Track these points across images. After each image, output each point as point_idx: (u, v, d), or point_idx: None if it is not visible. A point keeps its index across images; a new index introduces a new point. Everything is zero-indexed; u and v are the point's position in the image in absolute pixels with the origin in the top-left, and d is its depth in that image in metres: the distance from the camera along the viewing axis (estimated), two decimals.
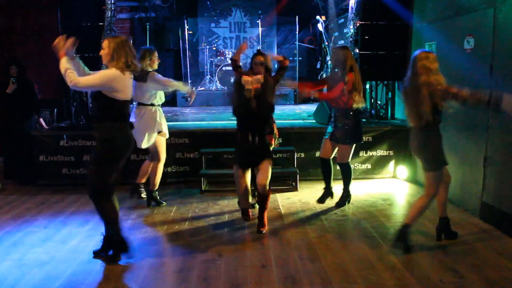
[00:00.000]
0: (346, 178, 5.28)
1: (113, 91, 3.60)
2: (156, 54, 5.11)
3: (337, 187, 5.44)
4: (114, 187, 3.83)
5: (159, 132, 5.13)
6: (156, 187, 5.31)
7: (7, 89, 6.27)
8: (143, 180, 5.43)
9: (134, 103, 5.13)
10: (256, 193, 4.76)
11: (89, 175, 3.77)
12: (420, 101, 3.69)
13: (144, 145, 5.04)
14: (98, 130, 3.69)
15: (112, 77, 3.59)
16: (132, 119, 4.48)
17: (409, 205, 4.08)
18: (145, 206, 5.29)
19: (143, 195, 5.47)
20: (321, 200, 5.38)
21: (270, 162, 4.49)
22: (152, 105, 5.07)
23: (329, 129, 5.16)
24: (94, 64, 6.25)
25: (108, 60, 3.68)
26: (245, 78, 4.40)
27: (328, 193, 5.38)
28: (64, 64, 3.55)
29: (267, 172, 4.41)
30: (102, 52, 3.69)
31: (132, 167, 6.13)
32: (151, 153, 5.28)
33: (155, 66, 5.08)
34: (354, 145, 5.15)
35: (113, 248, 3.84)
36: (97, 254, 3.91)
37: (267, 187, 4.44)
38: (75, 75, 3.55)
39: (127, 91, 3.70)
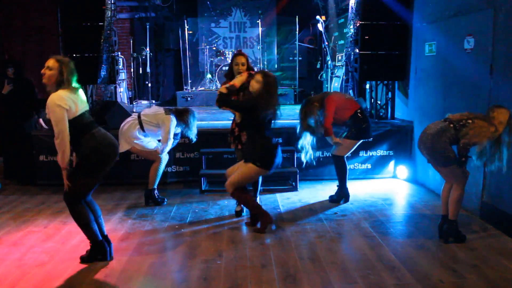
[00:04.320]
0: (340, 173, 5.31)
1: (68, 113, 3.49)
2: None
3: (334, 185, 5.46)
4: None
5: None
6: (153, 186, 5.30)
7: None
8: (153, 185, 5.34)
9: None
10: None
11: (70, 182, 3.66)
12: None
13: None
14: (75, 150, 3.63)
15: (63, 104, 3.44)
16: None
17: (446, 203, 4.17)
18: (145, 206, 5.30)
19: (159, 200, 5.39)
20: (333, 199, 5.38)
21: (251, 166, 4.29)
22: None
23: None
24: (94, 64, 6.26)
25: (54, 82, 3.52)
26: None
27: (342, 193, 5.37)
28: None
29: (238, 174, 4.32)
30: (49, 72, 3.51)
31: (132, 167, 6.16)
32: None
33: None
34: (357, 143, 5.30)
35: (94, 251, 3.80)
36: (83, 260, 3.82)
37: (230, 189, 4.34)
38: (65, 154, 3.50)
39: (76, 107, 3.55)
